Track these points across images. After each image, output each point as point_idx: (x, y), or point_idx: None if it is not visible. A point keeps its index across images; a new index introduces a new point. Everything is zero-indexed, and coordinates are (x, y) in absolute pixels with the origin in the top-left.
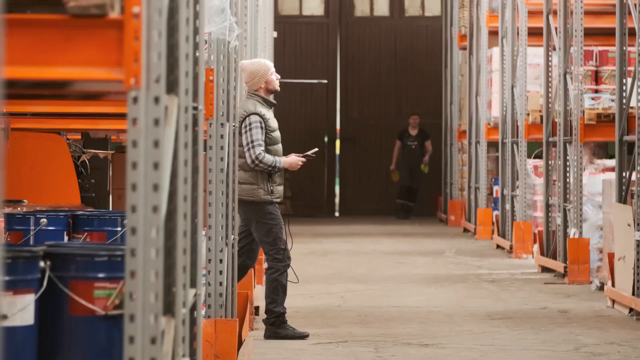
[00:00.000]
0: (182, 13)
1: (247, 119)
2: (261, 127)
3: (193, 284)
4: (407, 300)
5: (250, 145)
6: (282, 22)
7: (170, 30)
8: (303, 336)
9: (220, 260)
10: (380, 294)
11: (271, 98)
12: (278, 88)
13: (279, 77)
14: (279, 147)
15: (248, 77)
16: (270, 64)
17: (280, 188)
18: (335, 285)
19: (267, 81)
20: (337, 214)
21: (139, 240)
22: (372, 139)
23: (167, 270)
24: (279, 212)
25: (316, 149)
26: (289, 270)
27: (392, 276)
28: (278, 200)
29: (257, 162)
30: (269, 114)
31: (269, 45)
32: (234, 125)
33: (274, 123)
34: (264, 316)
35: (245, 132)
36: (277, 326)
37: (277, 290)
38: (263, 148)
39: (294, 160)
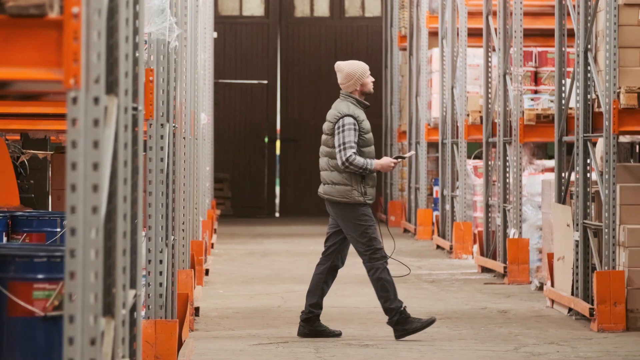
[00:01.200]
0: (121, 13)
1: (340, 120)
2: (354, 129)
3: (133, 284)
4: (347, 301)
5: (342, 147)
6: (222, 23)
7: (109, 31)
8: (431, 322)
9: (160, 261)
10: None
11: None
12: (372, 90)
13: (374, 79)
14: (372, 149)
15: (344, 79)
16: (367, 67)
17: (373, 190)
18: (275, 286)
19: (362, 84)
20: (277, 214)
21: (78, 241)
22: (313, 140)
23: (106, 271)
24: (371, 212)
25: (413, 152)
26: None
27: None
28: (371, 201)
29: (347, 164)
30: (362, 115)
31: (209, 46)
32: (174, 126)
33: (367, 125)
34: (206, 317)
35: (338, 133)
36: (403, 323)
37: (385, 288)
38: (355, 150)
39: (386, 162)
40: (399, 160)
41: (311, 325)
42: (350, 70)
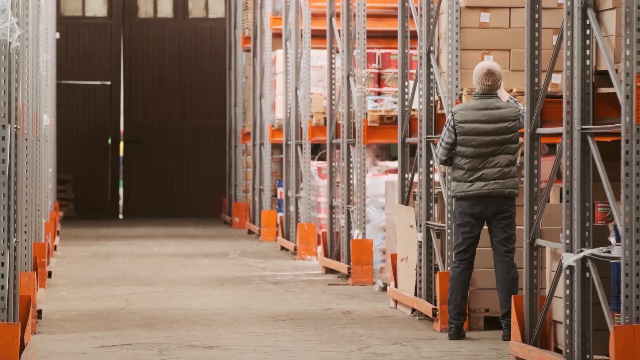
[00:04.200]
0: None
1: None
2: None
3: None
4: (192, 303)
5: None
6: (64, 23)
7: None
8: None
9: (2, 264)
10: (165, 297)
11: None
12: None
13: None
14: None
15: (500, 78)
16: None
17: None
18: (119, 288)
19: None
20: (120, 216)
21: None
22: (157, 141)
23: None
24: None
25: None
26: None
27: (177, 278)
28: None
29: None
30: None
31: (52, 46)
32: (16, 127)
33: None
34: (49, 319)
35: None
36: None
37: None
38: None
39: None
40: None
41: None
42: (500, 69)
